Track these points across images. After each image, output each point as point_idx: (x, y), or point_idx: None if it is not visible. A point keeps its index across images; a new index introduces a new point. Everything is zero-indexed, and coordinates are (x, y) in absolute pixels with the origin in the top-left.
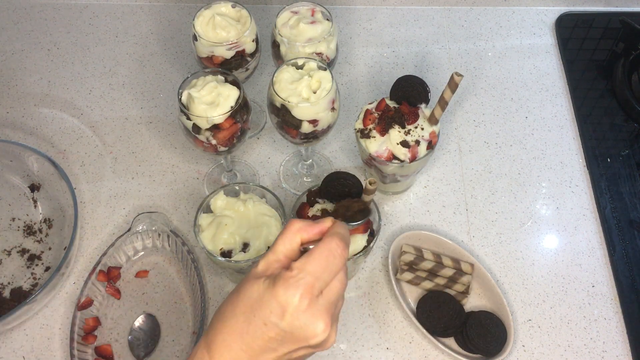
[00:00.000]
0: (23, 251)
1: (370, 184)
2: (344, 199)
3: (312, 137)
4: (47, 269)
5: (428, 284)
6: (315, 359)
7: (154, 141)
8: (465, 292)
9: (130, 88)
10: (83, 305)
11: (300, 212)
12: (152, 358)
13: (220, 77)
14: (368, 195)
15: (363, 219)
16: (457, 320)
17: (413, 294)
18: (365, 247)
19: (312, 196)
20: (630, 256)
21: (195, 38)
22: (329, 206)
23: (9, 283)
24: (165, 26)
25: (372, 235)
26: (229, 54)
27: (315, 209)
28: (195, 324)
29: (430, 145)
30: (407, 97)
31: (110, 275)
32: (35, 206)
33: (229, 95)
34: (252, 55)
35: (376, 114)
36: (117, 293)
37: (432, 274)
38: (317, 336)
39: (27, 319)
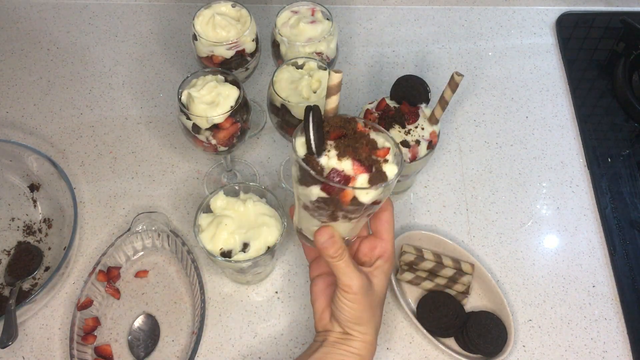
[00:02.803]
0: None
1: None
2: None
3: None
4: (47, 269)
5: (428, 284)
6: None
7: (153, 141)
8: (466, 292)
9: (130, 88)
10: (83, 305)
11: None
12: (152, 358)
13: (220, 77)
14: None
15: None
16: (458, 321)
17: (413, 294)
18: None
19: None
20: (630, 256)
21: (195, 37)
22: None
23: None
24: (165, 26)
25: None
26: (228, 54)
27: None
28: (195, 324)
29: (431, 145)
30: (408, 97)
31: (109, 275)
32: (34, 206)
33: (229, 95)
34: (252, 54)
35: (376, 114)
36: (116, 293)
37: (433, 274)
38: None
39: (26, 319)
